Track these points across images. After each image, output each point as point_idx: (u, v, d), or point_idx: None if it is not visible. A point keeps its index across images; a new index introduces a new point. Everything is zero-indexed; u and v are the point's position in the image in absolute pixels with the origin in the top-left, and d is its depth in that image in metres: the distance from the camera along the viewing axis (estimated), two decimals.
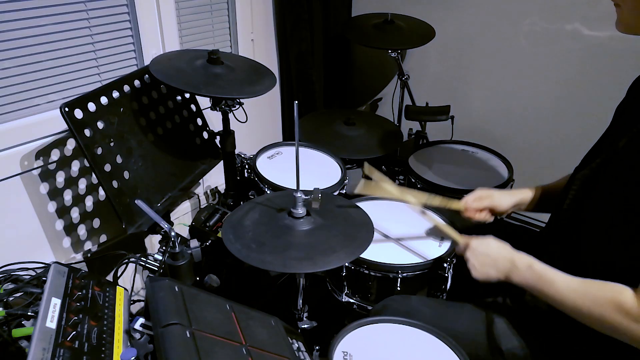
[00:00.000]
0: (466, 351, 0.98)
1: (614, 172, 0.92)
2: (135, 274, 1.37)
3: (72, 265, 1.00)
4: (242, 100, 1.58)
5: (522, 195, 1.25)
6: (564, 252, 1.01)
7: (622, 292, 0.83)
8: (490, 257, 1.03)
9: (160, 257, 1.29)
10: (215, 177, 2.01)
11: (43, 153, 1.40)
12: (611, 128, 1.03)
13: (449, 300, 1.30)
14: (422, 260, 1.25)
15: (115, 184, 1.30)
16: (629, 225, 0.86)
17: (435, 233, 1.36)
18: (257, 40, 2.10)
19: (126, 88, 1.43)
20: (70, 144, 1.47)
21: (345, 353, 0.96)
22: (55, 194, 1.45)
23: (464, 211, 1.26)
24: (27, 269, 1.05)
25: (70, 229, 1.51)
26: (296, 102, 1.00)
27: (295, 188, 1.07)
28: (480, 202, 1.25)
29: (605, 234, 0.92)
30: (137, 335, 0.86)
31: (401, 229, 1.38)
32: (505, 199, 1.25)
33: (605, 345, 0.91)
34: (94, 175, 1.45)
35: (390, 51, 2.01)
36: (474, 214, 1.25)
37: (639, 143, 0.88)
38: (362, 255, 1.09)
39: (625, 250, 0.88)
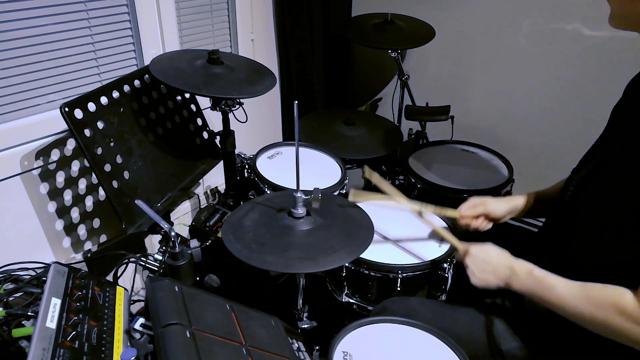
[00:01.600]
0: (466, 352, 0.98)
1: (610, 173, 0.92)
2: (135, 274, 1.37)
3: (72, 265, 1.00)
4: (242, 100, 1.58)
5: (515, 201, 1.25)
6: (560, 253, 1.01)
7: (623, 295, 0.83)
8: (490, 264, 1.03)
9: (160, 257, 1.29)
10: (215, 177, 2.01)
11: (43, 153, 1.40)
12: (608, 129, 1.03)
13: (448, 300, 1.30)
14: (422, 261, 1.25)
15: (115, 184, 1.30)
16: (626, 225, 0.86)
17: (434, 232, 1.36)
18: (257, 40, 2.10)
19: (126, 88, 1.43)
20: (70, 144, 1.47)
21: (345, 353, 0.96)
22: (55, 194, 1.45)
23: (460, 219, 1.26)
24: (27, 269, 1.05)
25: (70, 229, 1.51)
26: (296, 102, 1.00)
27: (295, 188, 1.07)
28: (474, 209, 1.24)
29: (601, 234, 0.92)
30: (137, 335, 0.86)
31: (401, 229, 1.38)
32: (499, 206, 1.24)
33: (603, 346, 0.91)
34: (94, 175, 1.45)
35: (390, 51, 2.01)
36: (470, 222, 1.25)
37: (633, 144, 0.88)
38: (362, 256, 1.09)
39: (622, 251, 0.88)
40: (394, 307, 1.15)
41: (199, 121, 1.72)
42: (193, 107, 1.70)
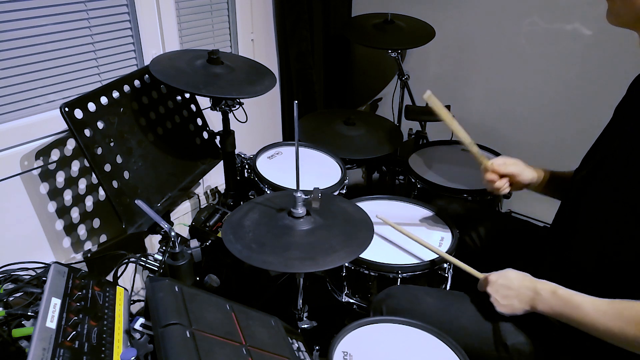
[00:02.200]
0: (470, 346, 0.97)
1: (612, 173, 0.92)
2: (135, 274, 1.37)
3: (72, 265, 1.00)
4: (242, 100, 1.58)
5: (539, 173, 1.23)
6: (563, 253, 1.01)
7: None
8: (512, 289, 1.00)
9: (160, 257, 1.29)
10: (215, 177, 2.01)
11: (43, 153, 1.40)
12: (608, 128, 1.03)
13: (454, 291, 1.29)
14: (422, 261, 1.25)
15: (115, 184, 1.30)
16: (628, 225, 0.86)
17: (434, 232, 1.36)
18: (257, 40, 2.10)
19: (126, 88, 1.43)
20: (70, 144, 1.47)
21: (345, 353, 0.96)
22: (55, 194, 1.45)
23: (487, 172, 1.21)
24: (27, 269, 1.04)
25: (70, 229, 1.51)
26: (296, 102, 1.00)
27: (295, 188, 1.07)
28: (506, 167, 1.20)
29: (603, 234, 0.92)
30: (137, 335, 0.86)
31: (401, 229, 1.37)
32: (527, 172, 1.21)
33: (609, 343, 0.91)
34: (94, 175, 1.45)
35: (390, 51, 2.01)
36: (495, 178, 1.20)
37: (635, 143, 0.88)
38: (362, 255, 1.09)
39: (624, 250, 0.88)
40: (399, 295, 1.13)
41: (199, 121, 1.72)
42: (193, 107, 1.70)
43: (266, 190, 1.52)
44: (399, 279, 1.21)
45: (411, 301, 1.10)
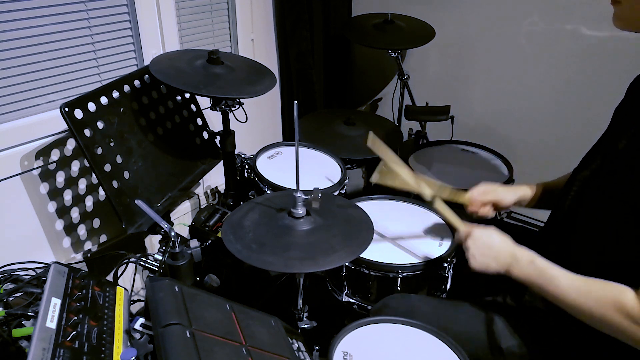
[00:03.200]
0: (466, 350, 0.98)
1: (614, 174, 0.92)
2: (135, 274, 1.37)
3: (72, 265, 1.00)
4: (242, 100, 1.58)
5: (523, 191, 1.25)
6: (561, 253, 1.01)
7: (623, 293, 0.83)
8: (492, 249, 1.01)
9: (160, 257, 1.29)
10: (215, 177, 2.01)
11: (43, 153, 1.40)
12: (610, 129, 1.03)
13: (449, 298, 1.30)
14: (422, 260, 1.25)
15: (115, 184, 1.30)
16: (627, 226, 0.86)
17: (434, 232, 1.36)
18: (257, 40, 2.10)
19: (126, 88, 1.43)
20: (70, 144, 1.47)
21: (345, 353, 0.96)
22: (55, 194, 1.45)
23: (469, 205, 1.24)
24: (27, 269, 1.04)
25: (70, 229, 1.51)
26: (296, 102, 1.00)
27: (295, 188, 1.07)
28: (485, 196, 1.24)
29: (603, 234, 0.92)
30: (137, 335, 0.86)
31: (401, 229, 1.38)
32: (508, 195, 1.24)
33: (603, 345, 0.91)
34: (94, 175, 1.45)
35: (390, 51, 2.01)
36: (478, 208, 1.24)
37: (636, 144, 0.88)
38: (362, 255, 1.09)
39: (623, 251, 0.88)
40: (394, 304, 1.15)
41: (199, 121, 1.72)
42: (193, 107, 1.70)
43: (266, 190, 1.52)
44: (399, 279, 1.21)
45: (407, 311, 1.10)
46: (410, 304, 1.14)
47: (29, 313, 0.89)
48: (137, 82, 1.49)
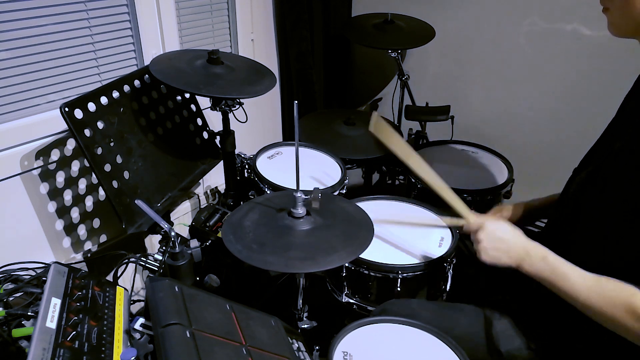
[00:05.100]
0: (466, 354, 0.98)
1: (610, 174, 0.92)
2: (135, 274, 1.37)
3: (72, 265, 1.00)
4: (242, 100, 1.58)
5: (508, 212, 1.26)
6: (562, 254, 1.01)
7: (635, 295, 0.82)
8: (504, 243, 0.99)
9: (160, 257, 1.29)
10: (215, 177, 2.01)
11: (43, 153, 1.40)
12: (610, 128, 1.03)
13: (449, 300, 1.30)
14: (422, 261, 1.25)
15: (115, 184, 1.30)
16: (627, 226, 0.86)
17: (434, 232, 1.36)
18: (257, 40, 2.10)
19: (126, 88, 1.43)
20: (70, 144, 1.47)
21: (345, 353, 0.96)
22: (55, 194, 1.45)
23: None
24: (27, 269, 1.05)
25: (70, 229, 1.51)
26: (296, 102, 1.00)
27: (295, 188, 1.07)
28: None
29: (603, 235, 0.92)
30: (137, 335, 0.86)
31: (401, 229, 1.37)
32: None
33: (608, 346, 0.91)
34: (94, 175, 1.45)
35: (390, 51, 2.01)
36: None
37: (633, 145, 0.88)
38: (362, 256, 1.09)
39: (624, 252, 0.88)
40: (394, 310, 1.14)
41: (199, 121, 1.72)
42: (193, 107, 1.70)
43: (266, 190, 1.52)
44: (399, 279, 1.21)
45: (406, 315, 1.10)
46: (410, 309, 1.14)
47: (29, 313, 0.89)
48: (137, 82, 1.49)
